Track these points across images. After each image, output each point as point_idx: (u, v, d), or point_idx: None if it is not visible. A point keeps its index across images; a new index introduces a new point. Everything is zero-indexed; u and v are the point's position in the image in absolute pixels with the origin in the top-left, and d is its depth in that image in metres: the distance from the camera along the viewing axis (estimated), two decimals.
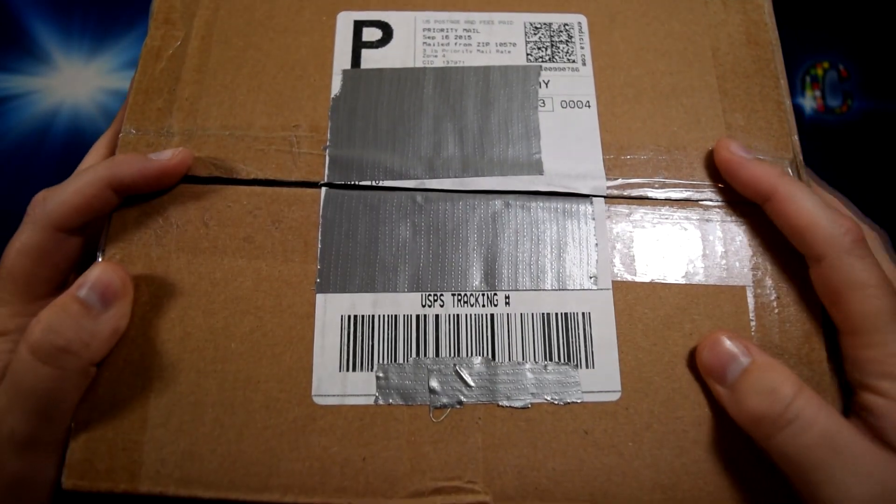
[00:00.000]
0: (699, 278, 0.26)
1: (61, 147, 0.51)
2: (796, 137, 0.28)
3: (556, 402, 0.24)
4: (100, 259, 0.25)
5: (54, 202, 0.24)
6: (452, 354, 0.25)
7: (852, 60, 0.40)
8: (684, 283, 0.26)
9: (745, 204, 0.27)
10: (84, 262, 0.26)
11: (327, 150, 0.27)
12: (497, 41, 0.30)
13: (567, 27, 0.30)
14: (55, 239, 0.24)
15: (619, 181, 0.27)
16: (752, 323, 0.25)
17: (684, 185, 0.27)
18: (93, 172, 0.25)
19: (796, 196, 0.24)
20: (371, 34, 0.30)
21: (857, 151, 0.29)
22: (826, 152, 0.27)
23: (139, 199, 0.26)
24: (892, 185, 0.34)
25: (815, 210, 0.24)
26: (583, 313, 0.25)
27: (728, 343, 0.24)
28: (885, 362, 0.22)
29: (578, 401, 0.24)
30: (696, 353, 0.25)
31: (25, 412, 0.22)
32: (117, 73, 0.52)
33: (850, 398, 0.24)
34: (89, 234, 0.26)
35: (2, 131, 0.49)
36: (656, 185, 0.27)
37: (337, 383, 0.24)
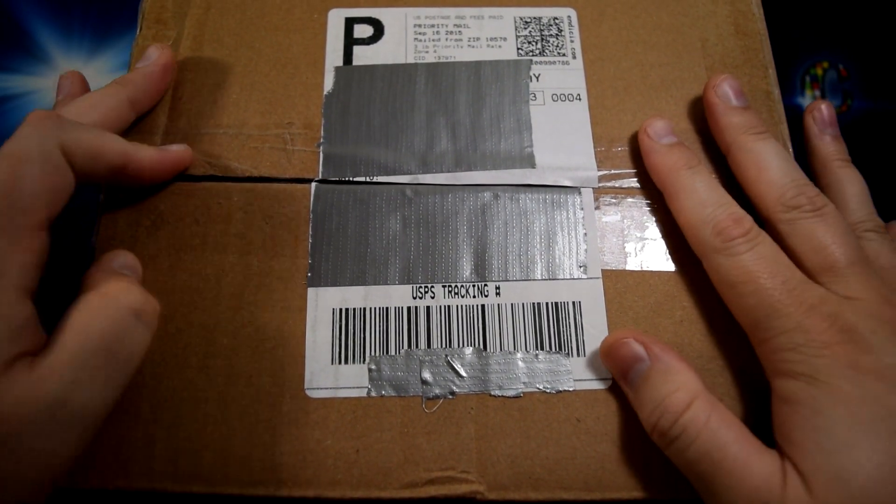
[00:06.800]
0: (687, 266, 0.26)
1: None
2: (784, 126, 0.28)
3: (547, 391, 0.24)
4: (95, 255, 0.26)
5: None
6: (444, 345, 0.25)
7: (852, 60, 0.40)
8: (673, 270, 0.26)
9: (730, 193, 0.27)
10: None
11: (321, 147, 0.27)
12: (487, 36, 0.30)
13: (557, 21, 0.30)
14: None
15: (612, 172, 0.27)
16: None
17: None
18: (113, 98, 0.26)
19: (679, 195, 0.25)
20: (362, 31, 0.30)
21: (856, 151, 0.29)
22: None
23: (131, 197, 0.26)
24: (893, 184, 0.33)
25: (693, 209, 0.24)
26: (573, 302, 0.25)
27: (633, 344, 0.23)
28: (769, 359, 0.22)
29: (570, 389, 0.24)
30: (601, 352, 0.24)
31: None
32: (117, 74, 0.52)
33: None
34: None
35: (2, 131, 0.50)
36: (647, 175, 0.27)
37: (329, 376, 0.24)
